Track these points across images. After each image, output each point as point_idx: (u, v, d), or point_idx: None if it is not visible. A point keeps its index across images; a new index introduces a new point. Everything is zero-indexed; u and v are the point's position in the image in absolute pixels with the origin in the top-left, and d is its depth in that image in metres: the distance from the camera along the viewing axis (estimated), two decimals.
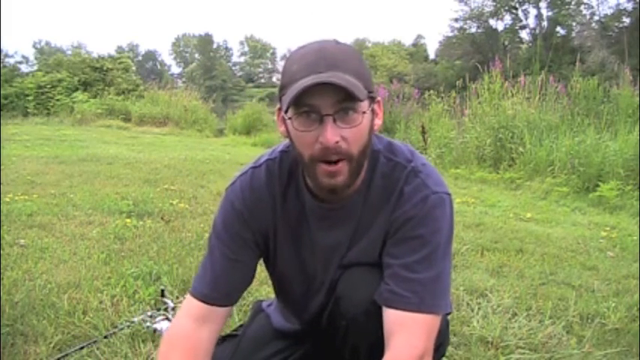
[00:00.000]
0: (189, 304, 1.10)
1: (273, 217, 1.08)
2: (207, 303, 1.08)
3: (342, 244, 1.07)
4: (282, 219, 1.08)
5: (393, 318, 0.98)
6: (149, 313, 1.85)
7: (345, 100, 0.89)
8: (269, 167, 1.09)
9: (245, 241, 1.09)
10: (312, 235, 1.07)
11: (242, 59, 70.00)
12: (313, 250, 1.09)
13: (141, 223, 3.23)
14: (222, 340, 1.36)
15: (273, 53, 70.87)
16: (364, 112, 0.92)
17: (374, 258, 1.05)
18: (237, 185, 1.10)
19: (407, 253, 0.99)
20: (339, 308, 1.06)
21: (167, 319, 1.79)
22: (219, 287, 1.09)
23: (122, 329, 1.75)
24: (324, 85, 0.87)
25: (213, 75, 58.67)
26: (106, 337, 1.71)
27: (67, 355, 1.61)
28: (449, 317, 1.24)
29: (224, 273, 1.09)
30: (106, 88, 15.81)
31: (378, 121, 0.99)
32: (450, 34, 40.40)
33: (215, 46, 65.19)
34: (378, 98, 0.98)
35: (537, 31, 37.44)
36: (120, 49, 36.72)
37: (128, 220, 3.26)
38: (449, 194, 1.02)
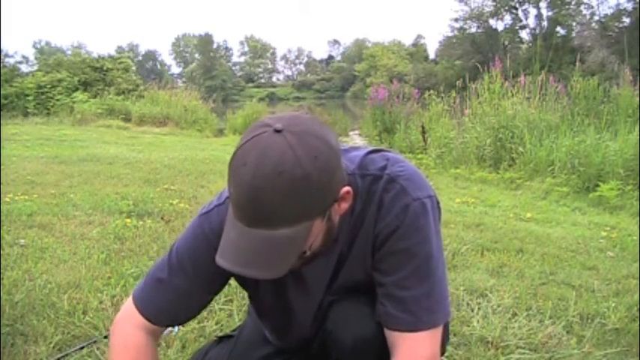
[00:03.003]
0: (135, 316, 1.05)
1: None
2: (153, 324, 1.05)
3: (329, 271, 1.03)
4: None
5: (394, 335, 0.97)
6: None
7: None
8: None
9: (212, 278, 1.03)
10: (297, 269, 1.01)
11: (242, 59, 70.18)
12: (297, 282, 1.05)
13: (141, 223, 3.23)
14: (219, 340, 1.36)
15: (273, 53, 71.03)
16: (305, 240, 0.84)
17: (363, 274, 1.02)
18: (214, 215, 1.02)
19: (396, 269, 0.96)
20: (328, 343, 1.04)
21: None
22: (170, 314, 1.05)
23: None
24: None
25: (213, 75, 58.74)
26: (106, 337, 1.71)
27: (67, 355, 1.61)
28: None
29: (178, 302, 1.04)
30: (106, 88, 15.80)
31: (345, 205, 0.89)
32: (450, 34, 40.52)
33: (215, 46, 65.34)
34: (346, 190, 0.87)
35: (537, 31, 37.49)
36: (120, 49, 36.78)
37: (128, 220, 3.25)
38: (431, 196, 0.97)
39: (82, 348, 1.64)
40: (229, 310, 1.99)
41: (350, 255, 1.01)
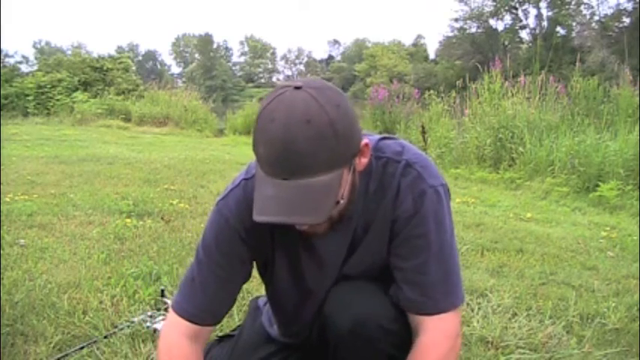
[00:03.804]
0: (178, 323, 1.07)
1: (271, 230, 1.04)
2: (196, 324, 1.07)
3: (342, 249, 1.05)
4: (279, 231, 1.04)
5: (418, 318, 1.02)
6: (149, 313, 1.85)
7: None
8: None
9: (240, 260, 1.06)
10: (311, 244, 1.05)
11: (242, 59, 70.15)
12: (311, 259, 1.07)
13: (141, 223, 3.23)
14: (220, 340, 1.36)
15: (273, 53, 70.99)
16: (339, 187, 0.87)
17: (379, 257, 1.04)
18: (231, 199, 1.05)
19: (413, 254, 1.00)
20: (326, 327, 1.05)
21: None
22: (209, 309, 1.07)
23: (122, 329, 1.75)
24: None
25: (213, 75, 58.71)
26: (106, 337, 1.71)
27: (67, 355, 1.61)
28: None
29: (214, 294, 1.07)
30: (106, 88, 15.81)
31: (364, 160, 0.93)
32: (450, 34, 40.44)
33: (215, 46, 65.30)
34: (365, 142, 0.91)
35: (537, 31, 37.48)
36: (120, 49, 36.74)
37: (128, 220, 3.26)
38: (444, 184, 1.01)
39: (82, 348, 1.64)
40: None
41: (366, 237, 1.03)
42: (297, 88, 0.84)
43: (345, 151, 0.85)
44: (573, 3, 35.54)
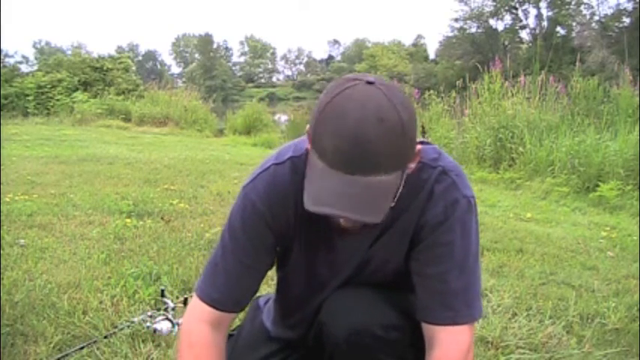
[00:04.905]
0: (200, 308, 1.05)
1: (295, 217, 1.02)
2: (219, 309, 1.05)
3: (362, 249, 1.04)
4: (304, 220, 1.01)
5: (433, 329, 0.99)
6: (149, 313, 1.85)
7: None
8: (294, 164, 1.00)
9: (265, 246, 1.04)
10: (332, 238, 1.03)
11: (242, 59, 70.18)
12: (329, 255, 1.05)
13: (141, 223, 3.23)
14: None
15: (273, 53, 71.04)
16: (397, 189, 0.87)
17: (395, 259, 1.03)
18: (259, 183, 1.02)
19: (437, 261, 0.98)
20: (322, 334, 1.05)
21: (167, 319, 1.78)
22: (232, 294, 1.05)
23: (122, 329, 1.75)
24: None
25: (213, 75, 58.70)
26: (106, 337, 1.71)
27: (67, 355, 1.61)
28: None
29: (238, 280, 1.04)
30: (106, 88, 15.82)
31: (413, 165, 0.89)
32: (450, 34, 40.51)
33: (215, 46, 65.29)
34: (418, 147, 0.88)
35: (537, 31, 37.51)
36: (120, 49, 36.79)
37: (128, 220, 3.25)
38: (474, 197, 1.00)
39: (82, 348, 1.64)
40: None
41: (385, 235, 1.01)
42: (370, 83, 0.82)
43: (408, 153, 0.84)
44: (573, 3, 35.59)
